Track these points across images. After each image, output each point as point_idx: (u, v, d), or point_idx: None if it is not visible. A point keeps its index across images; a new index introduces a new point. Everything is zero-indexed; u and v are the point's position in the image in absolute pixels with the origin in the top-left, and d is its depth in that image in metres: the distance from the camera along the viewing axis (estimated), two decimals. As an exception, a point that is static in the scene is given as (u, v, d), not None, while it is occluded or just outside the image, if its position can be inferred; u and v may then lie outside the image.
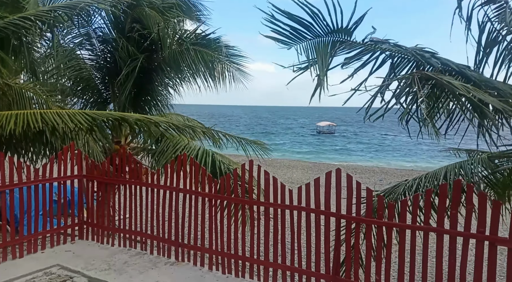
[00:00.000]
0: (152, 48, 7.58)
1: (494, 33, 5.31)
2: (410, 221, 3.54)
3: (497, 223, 3.12)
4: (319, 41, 4.56)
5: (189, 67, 7.61)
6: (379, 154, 39.15)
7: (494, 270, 3.13)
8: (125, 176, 5.31)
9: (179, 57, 7.41)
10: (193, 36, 7.80)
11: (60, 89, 7.87)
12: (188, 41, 7.57)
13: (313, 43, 4.57)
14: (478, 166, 6.43)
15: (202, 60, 7.58)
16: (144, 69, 7.65)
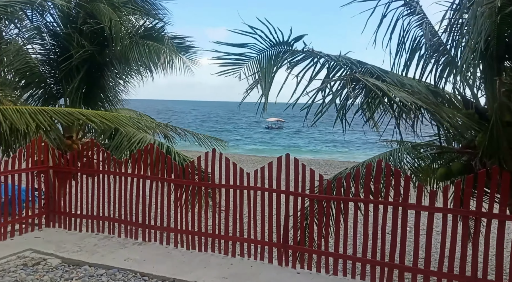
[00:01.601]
0: (105, 43, 7.79)
1: (415, 40, 6.38)
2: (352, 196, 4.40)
3: (407, 193, 4.05)
4: (264, 56, 5.33)
5: (139, 61, 7.80)
6: (325, 148, 41.39)
7: (405, 229, 4.06)
8: (93, 166, 5.69)
9: (130, 52, 7.61)
10: (143, 30, 8.09)
11: (8, 83, 7.85)
12: (138, 35, 7.83)
13: (258, 59, 5.33)
14: (404, 154, 7.60)
15: (152, 54, 7.82)
16: (97, 64, 7.86)
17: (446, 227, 3.89)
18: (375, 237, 4.17)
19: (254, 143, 46.26)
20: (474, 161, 5.46)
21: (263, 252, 4.77)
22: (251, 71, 5.35)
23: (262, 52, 5.56)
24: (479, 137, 5.19)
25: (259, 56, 5.59)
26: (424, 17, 6.09)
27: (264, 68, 5.43)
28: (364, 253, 4.23)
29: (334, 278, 4.32)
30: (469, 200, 3.90)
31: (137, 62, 7.79)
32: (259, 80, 5.36)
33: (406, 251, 4.11)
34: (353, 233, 4.29)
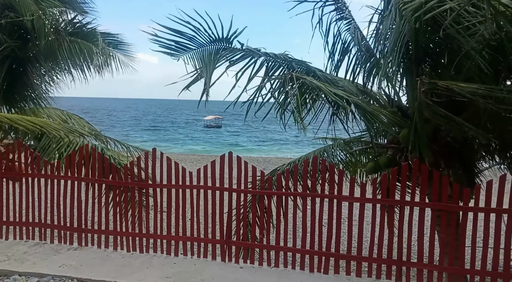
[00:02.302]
0: (27, 37, 7.26)
1: (346, 43, 6.81)
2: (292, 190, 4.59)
3: (341, 187, 4.36)
4: (204, 50, 5.35)
5: (66, 58, 7.44)
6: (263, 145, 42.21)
7: (340, 219, 4.37)
8: (20, 169, 5.28)
9: (56, 48, 7.21)
10: (71, 26, 7.68)
11: None
12: (67, 31, 7.43)
13: (198, 52, 5.34)
14: (337, 150, 8.07)
15: (80, 51, 7.48)
16: (19, 60, 7.29)
17: (375, 216, 4.25)
18: (313, 229, 4.42)
19: (193, 141, 45.69)
20: (398, 155, 6.01)
21: (206, 250, 4.82)
22: (192, 63, 5.34)
23: (202, 46, 5.58)
24: (402, 133, 5.72)
25: (200, 50, 5.61)
26: (352, 22, 6.52)
27: (205, 63, 5.45)
28: (303, 245, 4.47)
29: (275, 270, 4.51)
30: (394, 191, 4.30)
31: (66, 60, 7.36)
32: (200, 74, 5.37)
33: (340, 240, 4.42)
34: (293, 226, 4.51)
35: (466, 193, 4.11)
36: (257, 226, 4.86)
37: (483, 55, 4.80)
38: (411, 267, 4.16)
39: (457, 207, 4.07)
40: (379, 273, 4.25)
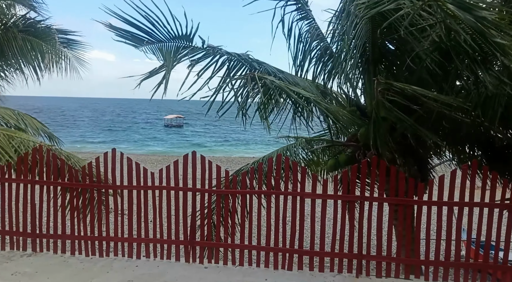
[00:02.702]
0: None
1: (307, 43, 6.94)
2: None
3: (304, 184, 4.44)
4: (163, 46, 5.26)
5: (16, 55, 7.09)
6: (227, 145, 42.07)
7: (303, 216, 4.45)
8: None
9: (4, 45, 6.85)
10: (23, 22, 7.29)
11: None
12: (15, 27, 7.04)
13: (157, 46, 5.24)
14: (299, 148, 8.22)
15: (32, 48, 7.14)
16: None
17: (337, 212, 4.37)
18: (277, 226, 4.47)
19: (154, 142, 44.64)
20: (358, 153, 6.22)
21: (170, 251, 4.73)
22: (151, 57, 5.24)
23: (162, 42, 5.47)
24: (361, 131, 5.93)
25: (159, 46, 5.50)
26: (313, 22, 6.67)
27: (164, 59, 5.36)
28: (268, 242, 4.51)
29: (240, 269, 4.52)
30: (354, 187, 4.45)
31: (17, 57, 6.96)
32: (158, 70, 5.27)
33: (304, 237, 4.51)
34: (257, 224, 4.53)
35: (421, 187, 4.33)
36: (221, 225, 4.84)
37: (433, 57, 5.09)
38: (371, 260, 4.32)
39: (413, 201, 4.28)
40: (341, 267, 4.38)
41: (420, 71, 5.34)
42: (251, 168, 4.60)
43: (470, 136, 6.26)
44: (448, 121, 5.75)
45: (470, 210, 4.14)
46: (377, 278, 4.27)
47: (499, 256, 4.17)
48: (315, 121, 6.50)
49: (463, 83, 5.49)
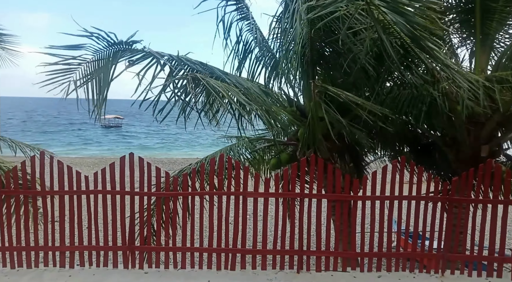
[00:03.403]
0: None
1: (248, 43, 6.98)
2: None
3: (246, 183, 4.46)
4: (101, 56, 5.02)
5: None
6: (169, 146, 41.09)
7: (246, 215, 4.48)
8: None
9: None
10: None
11: None
12: None
13: (95, 58, 4.99)
14: (242, 148, 8.26)
15: None
16: None
17: (278, 210, 4.45)
18: (220, 227, 4.45)
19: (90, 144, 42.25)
20: (298, 151, 6.40)
21: (107, 258, 4.50)
22: (87, 72, 4.95)
23: (99, 52, 5.20)
24: (300, 131, 6.11)
25: (96, 56, 5.22)
26: (253, 23, 6.73)
27: (101, 67, 5.10)
28: (210, 243, 4.47)
29: (183, 272, 4.43)
30: (294, 184, 4.56)
31: None
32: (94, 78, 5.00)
33: (246, 236, 4.53)
34: (200, 226, 4.47)
35: (356, 183, 4.55)
36: (162, 229, 4.71)
37: (367, 59, 5.38)
38: (311, 255, 4.47)
39: (348, 196, 4.49)
40: (282, 264, 4.47)
41: (355, 73, 5.62)
42: (193, 169, 4.53)
43: (399, 134, 6.71)
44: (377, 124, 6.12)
45: (400, 203, 4.44)
46: (317, 273, 4.42)
47: (425, 245, 4.52)
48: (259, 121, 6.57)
49: (391, 84, 5.87)
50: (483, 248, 4.46)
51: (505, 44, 6.20)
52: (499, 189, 4.39)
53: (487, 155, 5.50)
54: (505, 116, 5.50)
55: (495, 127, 5.72)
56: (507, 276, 4.38)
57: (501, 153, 6.08)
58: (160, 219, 4.60)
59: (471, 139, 5.69)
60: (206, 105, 5.66)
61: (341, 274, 4.39)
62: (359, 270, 4.48)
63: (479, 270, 4.44)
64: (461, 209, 4.44)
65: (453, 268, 4.44)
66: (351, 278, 4.32)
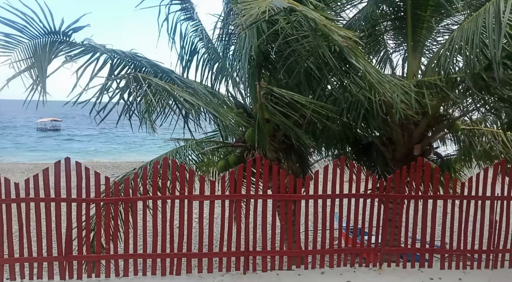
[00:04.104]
0: None
1: (193, 44, 6.90)
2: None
3: (192, 186, 4.40)
4: (37, 43, 4.68)
5: None
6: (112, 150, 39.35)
7: (191, 219, 4.41)
8: None
9: None
10: None
11: None
12: None
13: (30, 44, 4.65)
14: (189, 150, 8.14)
15: None
16: None
17: (224, 212, 4.44)
18: (164, 231, 4.34)
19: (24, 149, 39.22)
20: (246, 153, 6.44)
21: (41, 270, 4.21)
22: (23, 56, 4.57)
23: (35, 38, 4.83)
24: (247, 132, 6.15)
25: (32, 43, 4.84)
26: (199, 24, 6.67)
27: (38, 56, 4.73)
28: (154, 249, 4.34)
29: (125, 279, 4.26)
30: (240, 186, 4.58)
31: None
32: (29, 68, 4.64)
33: (192, 239, 4.47)
34: (143, 231, 4.33)
35: (299, 183, 4.67)
36: (103, 236, 4.49)
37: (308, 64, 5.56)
38: (257, 255, 4.51)
39: (292, 196, 4.60)
40: (229, 266, 4.46)
41: (299, 76, 5.77)
42: (135, 173, 4.38)
43: (341, 134, 7.01)
44: (321, 122, 6.34)
45: (341, 201, 4.63)
46: (263, 272, 4.48)
47: (365, 240, 4.76)
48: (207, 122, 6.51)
49: (331, 88, 6.11)
50: (416, 241, 4.79)
51: (433, 50, 6.73)
52: (429, 185, 4.74)
53: (420, 154, 5.92)
54: (434, 118, 5.96)
55: (426, 128, 6.17)
56: (436, 266, 4.74)
57: (431, 151, 6.57)
58: (100, 226, 4.38)
59: (405, 139, 6.07)
60: (150, 106, 5.51)
61: (286, 273, 4.48)
62: (303, 267, 4.59)
63: (413, 261, 4.76)
64: (395, 204, 4.72)
65: (389, 261, 4.72)
66: (295, 276, 4.42)
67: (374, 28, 6.79)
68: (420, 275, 4.53)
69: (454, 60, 4.73)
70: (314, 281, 4.32)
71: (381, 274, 4.50)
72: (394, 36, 6.97)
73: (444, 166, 7.68)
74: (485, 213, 4.72)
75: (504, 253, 4.77)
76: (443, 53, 4.75)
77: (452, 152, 7.86)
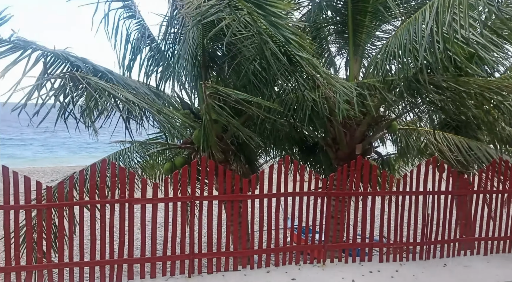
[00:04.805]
0: None
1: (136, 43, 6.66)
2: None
3: (133, 190, 4.24)
4: None
5: None
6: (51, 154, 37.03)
7: (132, 224, 4.25)
8: None
9: None
10: None
11: None
12: None
13: None
14: (134, 152, 7.87)
15: None
16: None
17: (168, 215, 4.32)
18: (103, 237, 4.14)
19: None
20: (193, 155, 6.33)
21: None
22: None
23: None
24: (194, 133, 6.05)
25: None
26: (142, 22, 6.47)
27: None
28: (92, 256, 4.12)
29: (60, 291, 4.01)
30: (186, 188, 4.50)
31: None
32: None
33: (134, 244, 4.30)
34: (80, 238, 4.10)
35: (245, 183, 4.67)
36: (35, 244, 4.20)
37: (255, 65, 5.60)
38: (202, 258, 4.44)
39: (238, 196, 4.60)
40: (173, 270, 4.35)
41: (246, 77, 5.79)
42: (70, 177, 4.14)
43: (288, 135, 7.14)
44: (269, 123, 6.42)
45: (286, 199, 4.70)
46: (209, 274, 4.42)
47: (310, 237, 4.87)
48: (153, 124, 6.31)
49: (278, 89, 6.21)
50: (357, 236, 4.99)
51: (373, 55, 7.07)
52: (368, 182, 4.96)
53: (361, 153, 6.18)
54: (374, 119, 6.25)
55: (367, 128, 6.46)
56: (376, 259, 4.97)
57: (372, 150, 6.89)
58: (31, 234, 4.07)
59: (347, 139, 6.31)
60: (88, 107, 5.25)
61: (232, 273, 4.46)
62: (249, 267, 4.60)
63: (354, 256, 4.95)
64: (337, 201, 4.88)
65: (332, 257, 4.86)
66: (241, 276, 4.42)
67: (318, 32, 7.01)
68: (361, 268, 4.71)
69: (390, 64, 4.99)
70: (260, 280, 4.34)
71: (324, 270, 4.62)
72: (337, 40, 7.23)
73: (384, 165, 8.10)
74: (419, 208, 5.03)
75: (435, 245, 5.11)
76: (380, 57, 5.00)
77: (393, 151, 8.32)
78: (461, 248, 5.25)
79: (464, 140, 6.68)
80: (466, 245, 5.28)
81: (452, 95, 5.02)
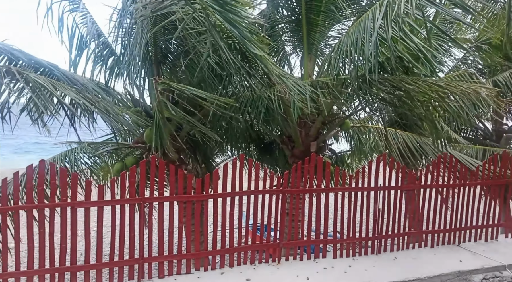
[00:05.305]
0: None
1: (82, 38, 6.29)
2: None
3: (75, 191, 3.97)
4: None
5: None
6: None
7: (75, 229, 3.97)
8: None
9: None
10: None
11: None
12: None
13: None
14: (81, 153, 7.44)
15: None
16: None
17: (115, 218, 4.09)
18: (42, 244, 3.83)
19: None
20: (146, 154, 6.07)
21: None
22: None
23: None
24: (146, 132, 5.80)
25: None
26: (88, 15, 6.12)
27: None
28: (30, 265, 3.80)
29: (-6, 304, 3.66)
30: (134, 189, 4.28)
31: None
32: None
33: (77, 251, 4.02)
34: (15, 246, 3.77)
35: (198, 183, 4.54)
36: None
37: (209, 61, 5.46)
38: (153, 261, 4.24)
39: (190, 196, 4.44)
40: (121, 275, 4.12)
41: (201, 74, 5.63)
42: (3, 180, 3.79)
43: (244, 134, 7.06)
44: (225, 120, 6.30)
45: (240, 198, 4.61)
46: (160, 279, 4.24)
47: (264, 235, 4.83)
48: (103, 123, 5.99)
49: (233, 86, 6.11)
50: (311, 233, 5.01)
51: (326, 53, 7.17)
52: (321, 179, 4.99)
53: (316, 150, 6.23)
54: (328, 116, 6.33)
55: (321, 126, 6.53)
56: (330, 255, 5.02)
57: (326, 148, 6.98)
58: None
59: (302, 137, 6.34)
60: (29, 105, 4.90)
61: (185, 277, 4.31)
62: (203, 269, 4.47)
63: (309, 253, 4.96)
64: (292, 199, 4.87)
65: (287, 255, 4.84)
66: (195, 279, 4.28)
67: (273, 30, 7.00)
68: (315, 265, 4.73)
69: (343, 62, 5.04)
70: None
71: (279, 269, 4.59)
72: (292, 39, 7.25)
73: (339, 162, 8.26)
74: (370, 203, 5.14)
75: (386, 239, 5.25)
76: (334, 55, 5.05)
77: (347, 148, 8.50)
78: (409, 241, 5.43)
79: (412, 136, 6.93)
80: (415, 238, 5.47)
81: (399, 94, 5.17)
